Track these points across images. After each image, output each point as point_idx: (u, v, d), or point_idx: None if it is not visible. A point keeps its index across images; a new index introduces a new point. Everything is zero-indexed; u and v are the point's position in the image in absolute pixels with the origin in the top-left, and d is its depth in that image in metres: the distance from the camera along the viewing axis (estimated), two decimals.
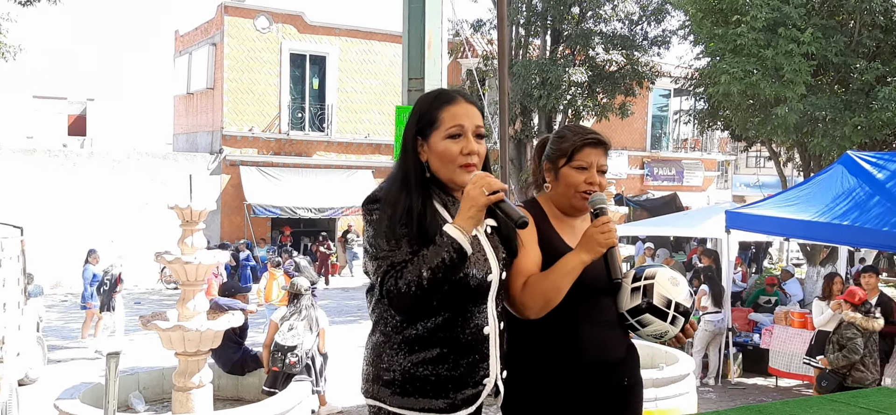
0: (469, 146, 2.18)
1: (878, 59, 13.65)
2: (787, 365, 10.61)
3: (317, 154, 22.99)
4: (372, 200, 2.14)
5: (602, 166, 2.51)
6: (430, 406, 2.12)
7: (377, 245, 2.09)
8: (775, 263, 23.14)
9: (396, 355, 2.13)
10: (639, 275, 2.47)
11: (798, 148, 15.60)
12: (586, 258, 2.32)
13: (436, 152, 2.18)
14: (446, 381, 2.13)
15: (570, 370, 2.40)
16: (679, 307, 2.42)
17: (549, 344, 2.40)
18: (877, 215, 9.15)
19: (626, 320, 2.47)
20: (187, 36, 25.03)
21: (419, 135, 2.21)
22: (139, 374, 7.85)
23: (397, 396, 2.12)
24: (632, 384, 2.53)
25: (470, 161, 2.18)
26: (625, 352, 2.52)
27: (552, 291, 2.31)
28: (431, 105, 2.23)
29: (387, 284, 2.04)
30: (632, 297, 2.45)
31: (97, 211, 20.10)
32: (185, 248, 6.84)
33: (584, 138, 2.50)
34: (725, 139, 30.35)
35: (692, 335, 2.56)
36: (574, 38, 18.57)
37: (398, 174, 2.19)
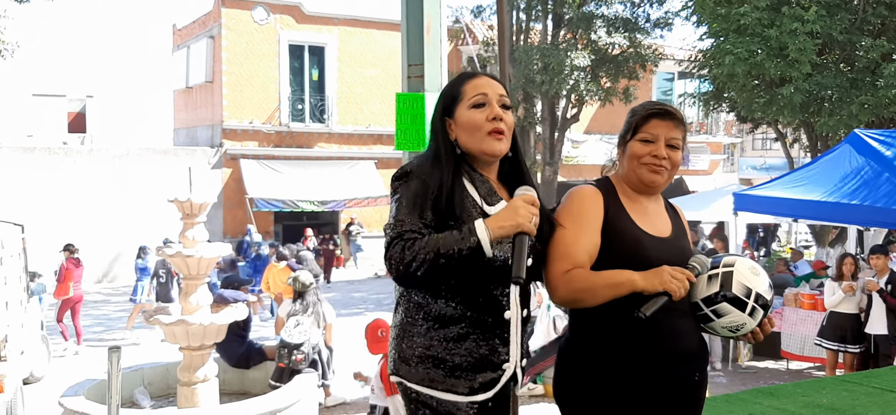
0: (494, 112, 2.21)
1: (884, 36, 13.51)
2: (800, 347, 10.51)
3: (318, 146, 22.87)
4: (401, 174, 2.16)
5: (672, 140, 2.34)
6: (450, 387, 2.12)
7: (394, 214, 2.11)
8: (783, 246, 23.02)
9: (418, 334, 2.16)
10: (716, 263, 2.33)
11: (804, 128, 15.47)
12: (641, 286, 2.17)
13: (462, 124, 2.21)
14: (467, 363, 2.13)
15: (641, 360, 2.25)
16: (759, 298, 2.26)
17: (620, 331, 2.25)
18: (886, 193, 9.05)
19: (699, 310, 2.31)
20: (185, 29, 24.90)
21: (445, 114, 2.24)
22: (144, 370, 7.78)
23: (418, 375, 2.14)
24: (701, 381, 2.40)
25: (498, 127, 2.20)
26: (697, 345, 2.37)
27: (588, 295, 2.20)
28: (454, 84, 2.28)
29: (392, 249, 2.03)
30: (708, 284, 2.29)
31: (98, 208, 20.02)
32: (185, 241, 6.75)
33: (650, 110, 2.38)
34: (731, 122, 30.16)
35: (769, 331, 2.35)
36: (575, 21, 18.42)
37: (429, 152, 2.23)
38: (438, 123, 2.26)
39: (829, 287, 9.28)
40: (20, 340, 8.37)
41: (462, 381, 2.11)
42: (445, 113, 2.25)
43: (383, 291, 18.53)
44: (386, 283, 20.07)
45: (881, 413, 5.11)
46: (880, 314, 8.78)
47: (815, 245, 16.90)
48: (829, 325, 9.24)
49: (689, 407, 2.37)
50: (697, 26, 16.61)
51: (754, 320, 2.28)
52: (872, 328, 8.85)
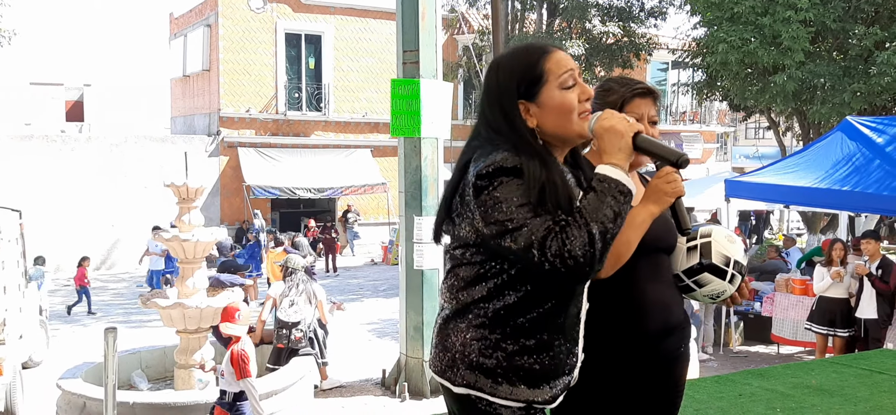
0: (585, 91, 1.99)
1: (877, 24, 13.57)
2: (791, 333, 10.62)
3: (315, 134, 22.91)
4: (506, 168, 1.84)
5: (653, 117, 2.37)
6: (533, 397, 1.94)
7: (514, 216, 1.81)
8: (775, 234, 23.14)
9: (500, 342, 1.92)
10: (693, 235, 2.37)
11: (797, 116, 15.56)
12: (655, 210, 2.14)
13: (552, 108, 1.95)
14: (549, 369, 1.96)
15: (634, 334, 2.28)
16: (737, 265, 2.33)
17: (613, 305, 2.26)
18: (877, 180, 9.13)
19: (681, 282, 2.38)
20: (182, 18, 24.89)
21: (524, 98, 1.96)
22: (141, 353, 7.86)
23: (503, 388, 1.92)
24: (685, 353, 2.43)
25: (588, 107, 1.99)
26: (682, 316, 2.41)
27: (623, 247, 2.12)
28: (529, 62, 1.99)
29: (550, 249, 1.77)
30: (688, 256, 2.35)
31: (96, 195, 20.07)
32: (182, 225, 6.83)
33: (633, 89, 2.36)
34: (724, 111, 30.24)
35: (747, 295, 2.43)
36: (570, 10, 18.46)
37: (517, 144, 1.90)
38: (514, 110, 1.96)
39: (818, 272, 9.38)
40: (18, 324, 8.45)
41: (545, 389, 1.96)
42: (524, 96, 1.96)
43: (379, 277, 18.63)
44: (381, 270, 20.15)
45: (870, 394, 5.21)
46: (870, 299, 8.88)
47: (806, 232, 17.01)
48: (818, 309, 9.33)
49: (674, 379, 2.41)
50: (691, 15, 16.69)
51: (733, 286, 2.36)
52: (863, 313, 8.95)
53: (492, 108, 1.98)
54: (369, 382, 8.97)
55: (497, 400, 1.91)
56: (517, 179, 1.83)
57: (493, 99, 1.99)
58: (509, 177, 1.83)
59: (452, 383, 1.95)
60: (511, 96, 1.96)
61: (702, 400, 5.08)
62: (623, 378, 2.28)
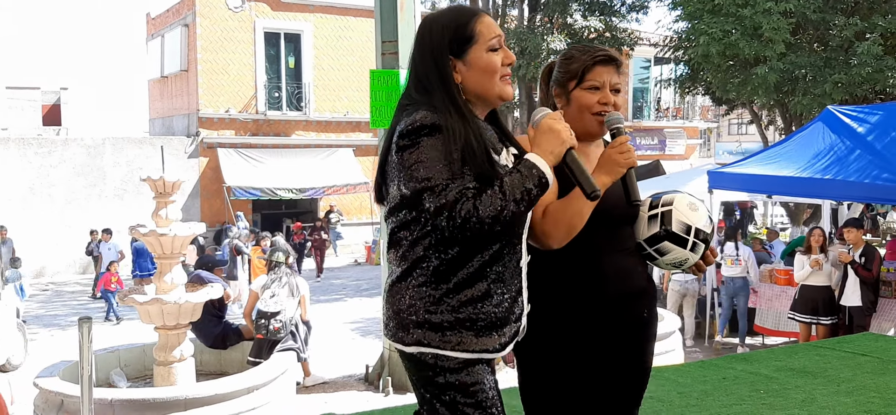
0: (509, 56, 2.10)
1: (857, 14, 13.64)
2: (774, 323, 10.63)
3: (295, 134, 22.75)
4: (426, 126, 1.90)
5: (615, 85, 2.35)
6: (483, 346, 2.00)
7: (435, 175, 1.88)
8: (759, 228, 23.23)
9: (443, 297, 1.98)
10: (655, 202, 2.35)
11: (779, 108, 15.61)
12: (607, 180, 2.17)
13: (478, 67, 2.05)
14: (496, 319, 2.02)
15: (592, 302, 2.28)
16: (699, 233, 2.30)
17: (570, 275, 2.28)
18: (858, 169, 9.14)
19: (643, 250, 2.35)
20: (159, 18, 24.65)
21: (454, 55, 2.05)
22: (119, 351, 7.72)
23: (451, 340, 1.98)
24: (651, 318, 2.42)
25: (509, 72, 2.11)
26: (645, 282, 2.41)
27: (576, 218, 2.17)
28: (460, 22, 2.08)
29: (461, 210, 1.85)
30: (649, 225, 2.32)
31: (75, 198, 19.84)
32: (159, 220, 6.71)
33: (595, 56, 2.34)
34: (707, 107, 30.38)
35: (712, 262, 2.40)
36: (551, 5, 18.45)
37: (444, 102, 1.98)
38: (448, 70, 2.04)
39: (798, 261, 9.40)
40: None
41: (493, 337, 2.01)
42: (454, 53, 2.05)
43: (362, 278, 18.52)
44: (365, 270, 20.04)
45: (852, 374, 5.19)
46: (854, 286, 8.90)
47: (790, 225, 17.08)
48: (801, 298, 9.34)
49: (640, 343, 2.39)
50: (672, 9, 16.71)
51: (696, 255, 2.33)
52: (847, 300, 8.97)
53: (424, 61, 2.06)
54: (352, 377, 8.88)
55: (446, 353, 1.97)
56: (437, 137, 1.90)
57: (426, 53, 2.06)
58: (429, 135, 1.90)
59: (404, 343, 2.01)
60: (443, 51, 2.04)
61: (686, 384, 5.04)
62: (584, 344, 2.29)
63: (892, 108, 9.94)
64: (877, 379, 5.03)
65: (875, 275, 8.95)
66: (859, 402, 4.56)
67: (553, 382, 2.33)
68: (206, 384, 6.49)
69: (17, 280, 11.21)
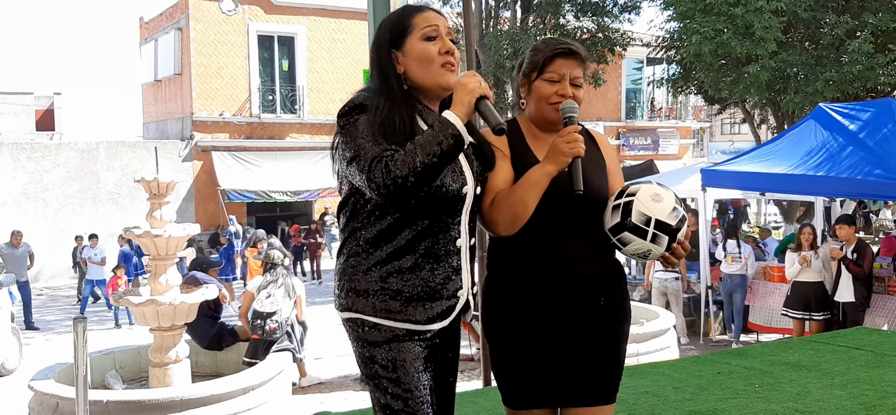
0: (446, 45, 2.17)
1: (847, 12, 13.69)
2: (767, 319, 10.67)
3: (289, 136, 22.74)
4: (352, 108, 2.08)
5: (575, 79, 2.39)
6: (408, 317, 2.11)
7: (360, 145, 2.03)
8: (753, 227, 23.30)
9: (373, 267, 2.11)
10: (622, 192, 2.37)
11: (771, 106, 15.66)
12: (552, 169, 2.23)
13: (414, 56, 2.16)
14: (423, 292, 2.12)
15: (543, 287, 2.33)
16: (660, 225, 2.29)
17: (523, 260, 2.35)
18: (850, 165, 9.19)
19: (610, 239, 2.37)
20: (152, 22, 24.62)
21: (393, 47, 2.18)
22: (115, 353, 7.72)
23: (376, 306, 2.10)
24: (610, 305, 2.41)
25: (449, 60, 2.17)
26: (601, 271, 2.40)
27: (518, 206, 2.25)
28: (400, 16, 2.21)
29: (375, 172, 1.98)
30: (612, 215, 2.34)
31: (68, 203, 19.79)
32: (153, 221, 6.71)
33: (555, 49, 2.41)
34: (700, 107, 30.46)
35: (683, 255, 2.38)
36: (544, 6, 18.46)
37: (376, 86, 2.15)
38: (386, 56, 2.18)
39: (789, 258, 9.46)
40: None
41: (419, 310, 2.11)
42: (393, 45, 2.18)
43: None
44: None
45: (846, 368, 5.21)
46: (848, 282, 8.95)
47: (783, 223, 17.13)
48: (793, 294, 9.39)
49: (597, 330, 2.39)
50: (664, 9, 16.75)
51: (660, 246, 2.32)
52: (841, 296, 9.02)
53: (372, 56, 2.23)
54: (348, 378, 8.88)
55: (374, 319, 2.10)
56: (364, 116, 2.06)
57: (372, 48, 2.24)
58: (359, 113, 2.07)
59: (340, 308, 2.17)
60: (382, 44, 2.19)
61: (681, 379, 5.06)
62: (539, 328, 2.34)
63: (883, 105, 9.99)
64: (871, 372, 5.06)
65: (867, 271, 8.99)
66: (853, 394, 4.58)
67: (517, 363, 2.39)
68: (202, 385, 6.49)
69: (10, 284, 11.18)
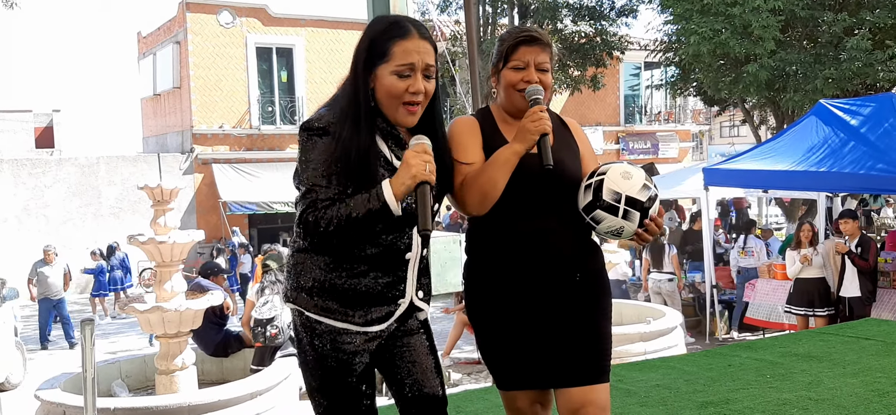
0: (415, 85, 2.15)
1: (845, 10, 13.70)
2: (766, 315, 10.66)
3: (289, 147, 22.74)
4: (315, 128, 2.10)
5: (541, 64, 2.45)
6: (346, 317, 2.16)
7: (310, 174, 2.07)
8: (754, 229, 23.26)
9: (318, 265, 2.16)
10: (593, 172, 2.43)
11: (770, 105, 15.65)
12: (520, 148, 2.30)
13: (382, 85, 2.15)
14: (364, 296, 2.17)
15: (515, 267, 2.39)
16: (631, 201, 2.33)
17: (495, 243, 2.41)
18: (852, 160, 9.18)
19: (583, 219, 2.43)
20: (150, 37, 24.66)
21: (368, 64, 2.16)
22: (120, 362, 7.69)
23: (314, 304, 2.16)
24: (587, 281, 2.45)
25: (415, 100, 2.16)
26: (573, 248, 2.44)
27: (488, 185, 2.31)
28: (383, 35, 2.17)
29: (306, 215, 2.04)
30: (585, 194, 2.40)
31: (70, 218, 19.77)
32: (158, 228, 6.70)
33: (517, 37, 2.47)
34: (698, 111, 30.47)
35: (657, 232, 2.43)
36: (541, 11, 18.50)
37: (346, 104, 2.14)
38: (361, 70, 2.16)
39: (790, 256, 9.46)
40: None
41: (357, 312, 2.16)
42: (368, 63, 2.16)
43: None
44: None
45: (857, 357, 5.20)
46: (852, 277, 8.92)
47: (786, 223, 17.10)
48: (796, 291, 9.38)
49: (581, 306, 2.43)
50: (661, 11, 16.77)
51: (632, 223, 2.36)
52: (846, 291, 8.99)
53: (352, 59, 2.20)
54: None
55: (313, 315, 2.16)
56: (324, 140, 2.07)
57: (354, 52, 2.21)
58: (318, 137, 2.09)
59: (286, 300, 2.25)
60: (361, 55, 2.17)
61: (692, 372, 5.04)
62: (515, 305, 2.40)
63: (883, 99, 9.99)
64: (881, 360, 5.05)
65: (872, 264, 8.97)
66: (866, 382, 4.57)
67: (501, 344, 2.45)
68: (209, 391, 6.46)
69: (14, 298, 11.15)
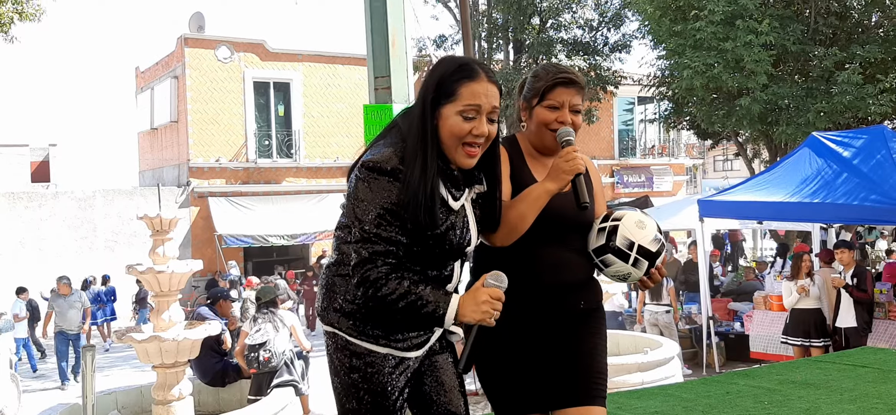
0: (480, 128, 2.15)
1: (836, 45, 13.91)
2: (764, 347, 10.67)
3: (286, 180, 22.80)
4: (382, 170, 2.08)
5: (575, 106, 2.52)
6: (386, 342, 2.18)
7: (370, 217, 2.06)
8: (750, 262, 23.33)
9: (358, 289, 2.13)
10: (607, 216, 2.50)
11: (763, 139, 15.80)
12: (552, 187, 2.35)
13: (446, 125, 2.16)
14: (405, 323, 2.18)
15: (525, 291, 2.43)
16: (642, 250, 2.42)
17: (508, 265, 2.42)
18: (845, 191, 9.26)
19: (592, 260, 2.51)
20: (148, 71, 24.81)
21: (434, 103, 2.16)
22: (116, 393, 7.65)
23: (355, 327, 2.17)
24: (589, 310, 2.54)
25: (476, 142, 2.17)
26: (584, 278, 2.53)
27: (517, 219, 2.36)
28: (452, 75, 2.18)
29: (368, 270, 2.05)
30: (598, 236, 2.48)
31: (65, 251, 19.73)
32: (156, 258, 6.70)
33: (556, 77, 2.51)
34: (692, 145, 30.67)
35: (659, 280, 2.53)
36: (536, 47, 18.73)
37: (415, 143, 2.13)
38: (429, 109, 2.16)
39: (786, 287, 9.48)
40: None
41: (397, 337, 2.18)
42: (435, 102, 2.17)
43: None
44: None
45: (854, 384, 5.22)
46: (849, 308, 8.95)
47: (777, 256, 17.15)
48: (792, 322, 9.40)
49: (582, 332, 2.51)
50: (654, 47, 16.98)
51: (639, 270, 2.45)
52: (842, 322, 9.01)
53: (419, 96, 2.20)
54: None
55: (355, 340, 2.17)
56: (389, 183, 2.06)
57: (422, 89, 2.20)
58: (383, 178, 2.07)
59: (324, 321, 2.24)
60: (429, 92, 2.17)
61: (690, 399, 5.05)
62: (522, 331, 2.45)
63: (875, 132, 10.10)
64: (878, 387, 5.06)
65: (870, 295, 9.02)
66: (863, 408, 4.58)
67: (505, 371, 2.49)
68: None
69: (9, 329, 11.11)
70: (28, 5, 12.27)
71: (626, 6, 18.32)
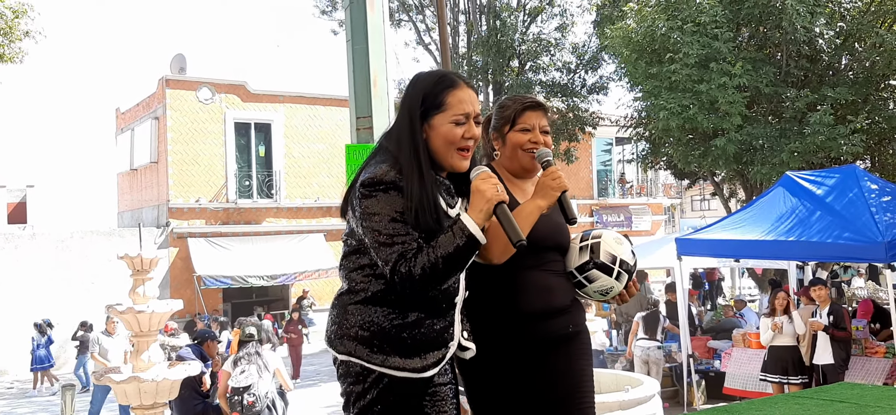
0: (470, 131, 2.30)
1: (807, 87, 14.18)
2: (743, 384, 10.74)
3: (266, 221, 22.77)
4: (384, 183, 2.17)
5: (544, 127, 2.72)
6: (404, 366, 2.23)
7: (387, 226, 2.15)
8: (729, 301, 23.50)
9: (373, 314, 2.23)
10: (586, 236, 2.66)
11: (739, 178, 16.01)
12: (542, 203, 2.47)
13: (439, 134, 2.27)
14: (420, 343, 2.25)
15: (513, 316, 2.53)
16: (623, 264, 2.58)
17: (494, 291, 2.54)
18: (820, 229, 9.41)
19: (574, 278, 2.63)
20: (129, 112, 24.80)
21: (423, 119, 2.27)
22: None
23: (373, 353, 2.22)
24: (576, 333, 2.65)
25: (468, 145, 2.30)
26: (569, 302, 2.64)
27: None
28: (435, 88, 2.30)
29: (399, 269, 2.12)
30: (580, 255, 2.61)
31: (42, 293, 19.51)
32: (136, 297, 6.70)
33: (524, 103, 2.71)
34: (669, 184, 31.01)
35: (635, 294, 2.69)
36: (515, 88, 18.95)
37: (409, 156, 2.22)
38: (417, 123, 2.27)
39: (763, 324, 9.60)
40: None
41: (415, 360, 2.24)
42: (423, 115, 2.27)
43: None
44: None
45: None
46: (825, 345, 9.05)
47: (759, 294, 17.34)
48: (770, 359, 9.49)
49: (567, 354, 2.61)
50: (631, 89, 17.24)
51: (620, 284, 2.60)
52: (819, 359, 9.11)
53: (401, 114, 2.30)
54: None
55: (371, 366, 2.22)
56: (393, 193, 2.15)
57: (404, 106, 2.30)
58: (386, 191, 2.15)
59: (337, 351, 2.28)
60: (415, 107, 2.27)
61: None
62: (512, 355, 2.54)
63: (847, 171, 10.29)
64: None
65: (850, 333, 9.15)
66: None
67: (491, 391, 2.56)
68: None
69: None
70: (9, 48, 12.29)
71: (603, 49, 18.61)
